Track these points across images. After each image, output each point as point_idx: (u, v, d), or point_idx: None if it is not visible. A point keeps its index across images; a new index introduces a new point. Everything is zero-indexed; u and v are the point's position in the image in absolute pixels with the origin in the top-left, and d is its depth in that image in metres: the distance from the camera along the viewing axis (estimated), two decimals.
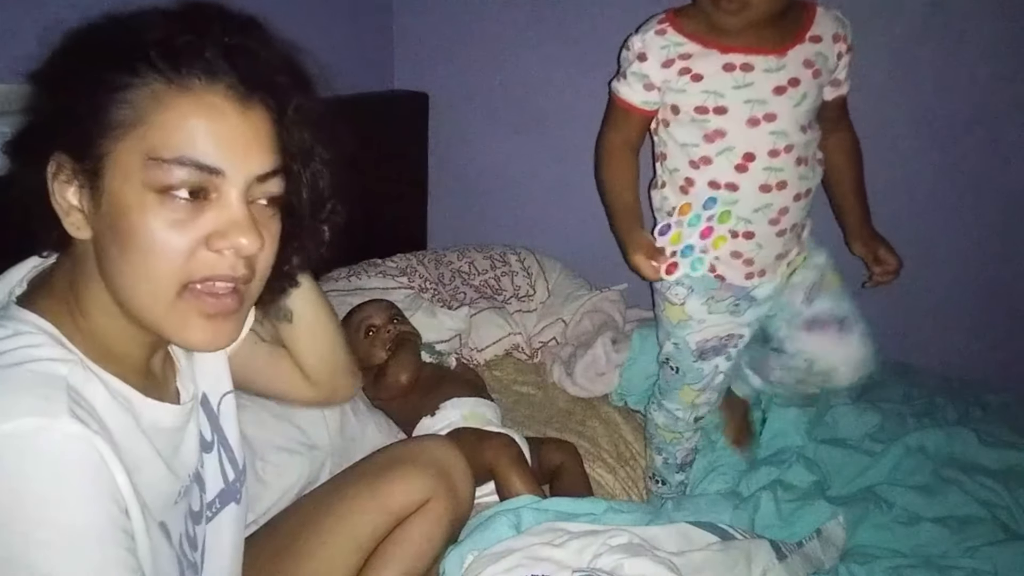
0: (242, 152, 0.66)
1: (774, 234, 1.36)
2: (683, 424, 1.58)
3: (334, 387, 1.06)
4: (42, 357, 0.65)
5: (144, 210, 0.64)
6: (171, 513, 0.75)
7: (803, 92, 1.28)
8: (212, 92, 0.65)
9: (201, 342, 0.70)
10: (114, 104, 0.64)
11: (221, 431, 0.88)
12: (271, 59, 0.70)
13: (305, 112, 0.74)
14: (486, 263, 2.31)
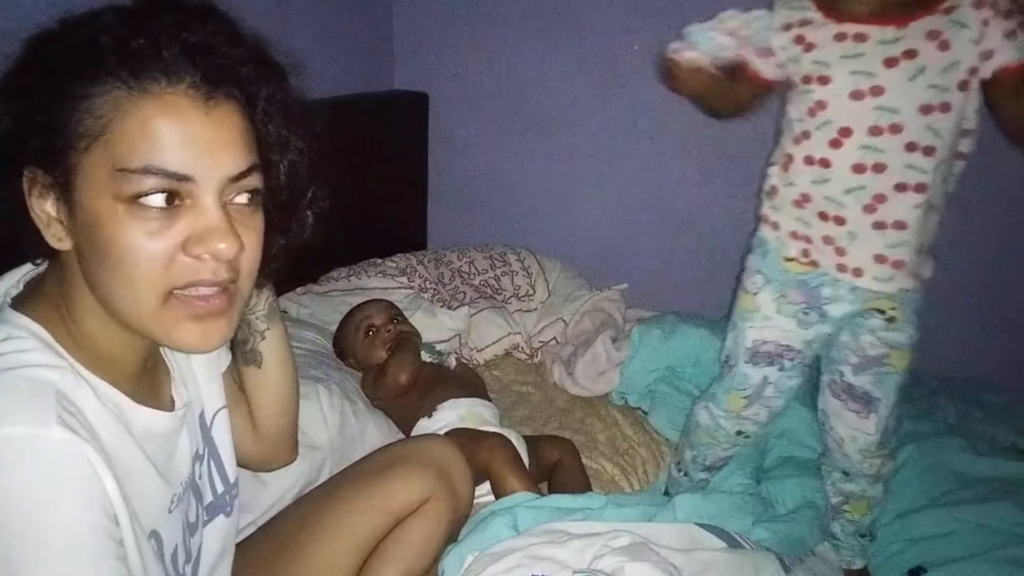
0: (211, 154, 0.64)
1: (870, 224, 1.24)
2: (723, 433, 1.49)
3: (276, 448, 1.02)
4: (32, 363, 0.65)
5: (117, 222, 0.62)
6: (164, 521, 0.74)
7: (921, 65, 1.16)
8: (174, 93, 0.63)
9: (191, 344, 0.69)
10: (76, 115, 0.62)
11: (212, 444, 0.87)
12: (234, 51, 0.66)
13: (276, 102, 0.71)
14: (486, 263, 2.31)
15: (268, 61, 0.71)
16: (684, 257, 2.40)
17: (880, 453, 1.41)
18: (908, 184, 1.22)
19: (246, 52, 0.68)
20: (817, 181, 1.26)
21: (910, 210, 1.23)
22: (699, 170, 2.31)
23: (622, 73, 2.31)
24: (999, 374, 2.07)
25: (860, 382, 1.36)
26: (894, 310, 1.31)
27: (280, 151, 0.74)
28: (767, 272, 1.36)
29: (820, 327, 1.34)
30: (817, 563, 1.35)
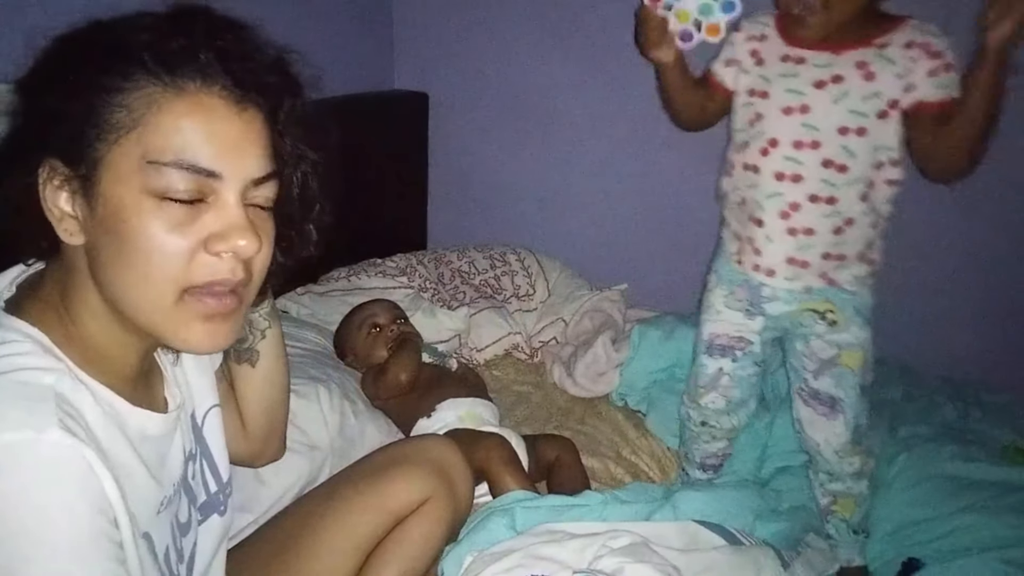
0: (239, 154, 0.66)
1: (784, 231, 1.35)
2: (693, 423, 1.59)
3: (265, 445, 1.02)
4: (29, 366, 0.65)
5: (142, 214, 0.64)
6: (155, 523, 0.74)
7: (845, 90, 1.28)
8: (207, 94, 0.65)
9: (200, 344, 0.69)
10: (109, 108, 0.63)
11: (204, 443, 0.87)
12: (263, 61, 0.69)
13: (296, 115, 0.74)
14: (486, 263, 2.31)
15: (291, 74, 0.73)
16: (684, 257, 2.40)
17: (856, 451, 1.47)
18: (820, 196, 1.32)
19: (273, 63, 0.71)
20: (750, 186, 1.38)
21: (820, 219, 1.34)
22: (699, 170, 2.31)
23: (622, 73, 2.31)
24: (999, 374, 2.07)
25: (822, 386, 1.45)
26: (832, 312, 1.40)
27: (294, 164, 0.76)
28: (720, 271, 1.51)
29: (764, 320, 1.46)
30: (815, 556, 1.36)
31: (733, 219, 1.46)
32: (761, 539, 1.31)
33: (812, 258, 1.36)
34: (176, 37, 0.65)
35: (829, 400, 1.44)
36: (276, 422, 1.02)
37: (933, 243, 2.04)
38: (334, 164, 0.81)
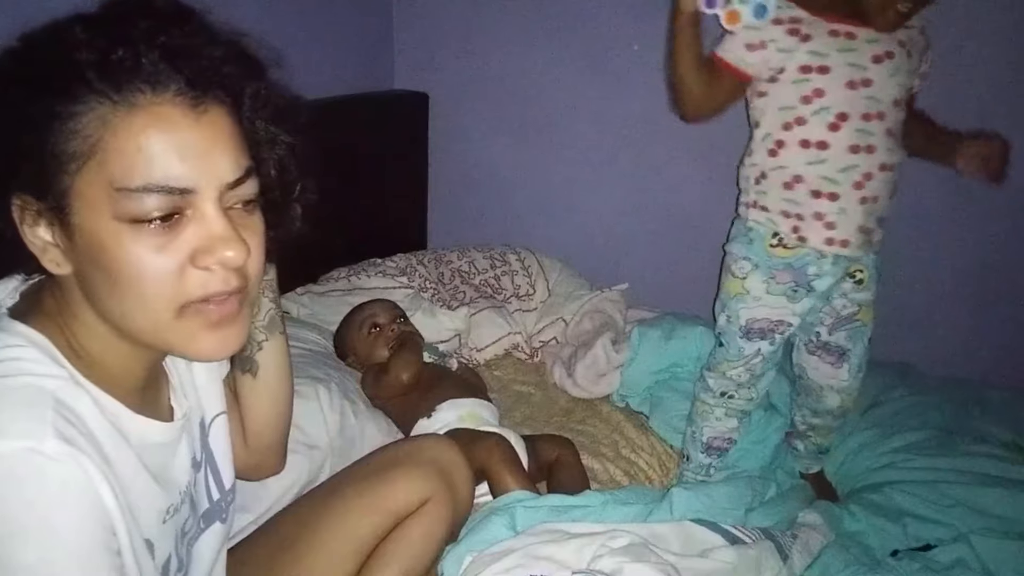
0: (208, 162, 0.62)
1: (857, 200, 1.41)
2: (711, 395, 1.63)
3: (265, 458, 1.01)
4: (31, 372, 0.64)
5: (121, 241, 0.61)
6: (158, 531, 0.73)
7: (897, 65, 1.37)
8: (160, 103, 0.60)
9: (212, 352, 0.68)
10: (63, 136, 0.59)
11: (209, 449, 0.87)
12: (215, 51, 0.64)
13: (261, 98, 0.69)
14: (486, 262, 2.31)
15: (249, 58, 0.68)
16: (684, 257, 2.40)
17: (852, 395, 1.63)
18: (887, 164, 1.41)
19: (226, 51, 0.66)
20: (815, 162, 1.40)
21: (884, 186, 1.43)
22: (699, 170, 2.31)
23: (622, 73, 2.31)
24: (999, 374, 2.07)
25: (835, 339, 1.56)
26: (862, 272, 1.51)
27: (269, 148, 0.72)
28: (754, 258, 1.50)
29: (809, 300, 1.50)
30: (810, 533, 1.37)
31: (780, 200, 1.45)
32: (758, 531, 1.32)
33: (874, 224, 1.45)
34: (116, 46, 0.60)
35: (838, 351, 1.57)
36: (277, 435, 1.01)
37: (933, 242, 2.04)
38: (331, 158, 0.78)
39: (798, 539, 1.33)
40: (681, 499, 1.36)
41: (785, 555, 1.27)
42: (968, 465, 1.66)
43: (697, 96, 1.46)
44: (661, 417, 1.86)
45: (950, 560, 1.37)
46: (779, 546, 1.28)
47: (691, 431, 1.70)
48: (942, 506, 1.53)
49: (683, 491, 1.38)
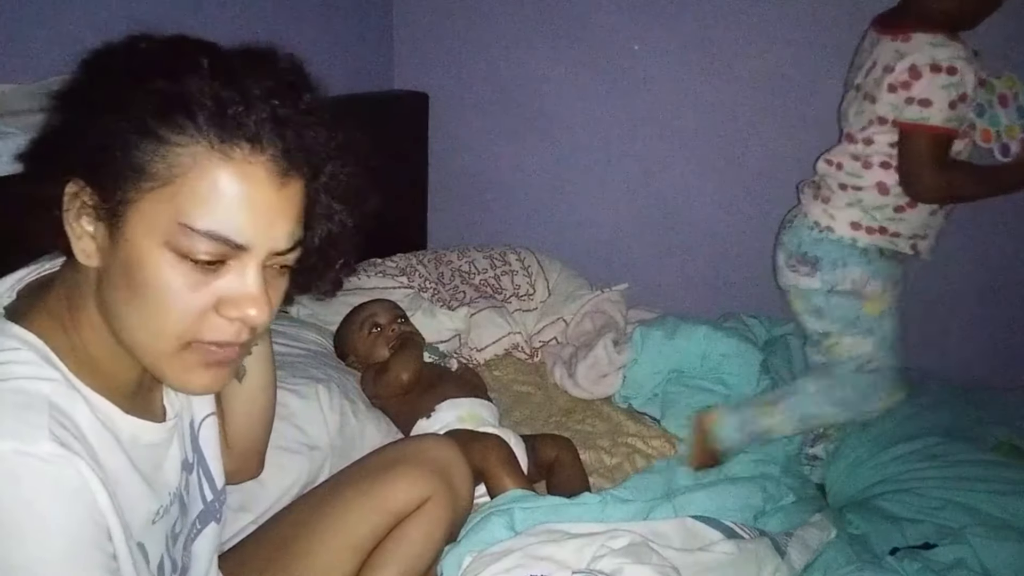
0: (270, 227, 0.65)
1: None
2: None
3: (244, 463, 1.02)
4: (25, 375, 0.64)
5: (161, 267, 0.63)
6: (148, 533, 0.73)
7: None
8: (253, 163, 0.63)
9: (198, 388, 0.70)
10: (152, 156, 0.61)
11: (200, 451, 0.87)
12: (313, 126, 0.67)
13: (336, 179, 0.72)
14: (486, 262, 2.31)
15: (340, 140, 0.71)
16: (684, 257, 2.40)
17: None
18: None
19: (325, 128, 0.68)
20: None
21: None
22: (699, 170, 2.31)
23: (622, 73, 2.31)
24: (999, 374, 2.07)
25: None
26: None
27: (323, 220, 0.74)
28: (882, 275, 1.55)
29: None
30: (809, 530, 1.37)
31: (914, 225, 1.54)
32: (755, 530, 1.32)
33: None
34: (235, 100, 0.62)
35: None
36: (258, 439, 1.02)
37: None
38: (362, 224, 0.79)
39: (794, 536, 1.33)
40: (685, 500, 1.36)
41: (782, 552, 1.28)
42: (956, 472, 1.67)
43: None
44: (673, 415, 1.83)
45: (950, 560, 1.37)
46: (775, 543, 1.28)
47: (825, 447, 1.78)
48: (930, 508, 1.53)
49: (688, 493, 1.38)
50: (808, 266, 1.59)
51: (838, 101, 2.10)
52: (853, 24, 2.03)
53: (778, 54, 2.13)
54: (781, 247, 1.66)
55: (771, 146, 2.21)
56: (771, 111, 2.18)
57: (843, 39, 2.05)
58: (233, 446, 0.98)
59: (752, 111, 2.20)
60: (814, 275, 1.58)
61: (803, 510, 1.47)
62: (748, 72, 2.17)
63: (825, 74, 2.09)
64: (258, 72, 0.64)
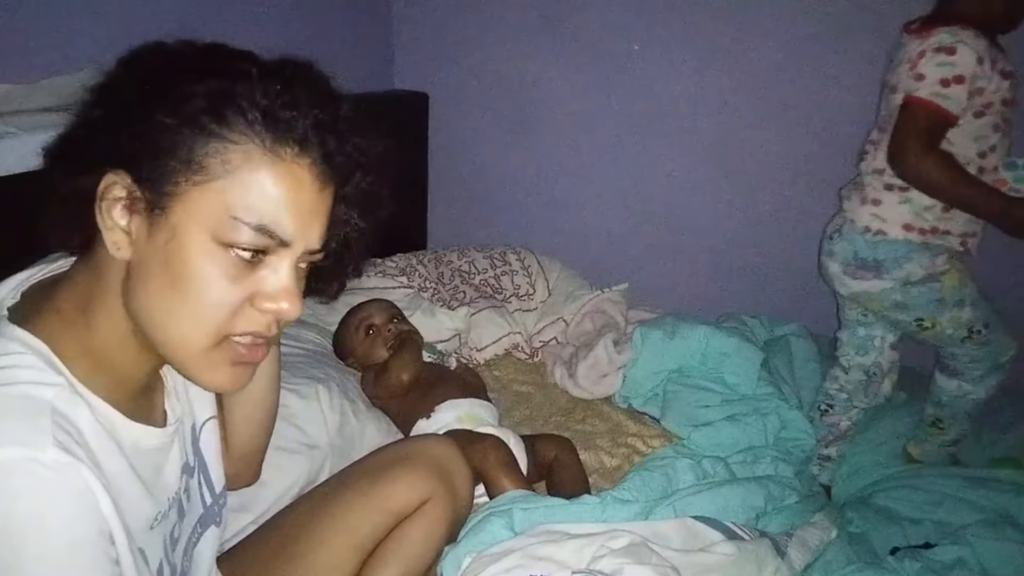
0: (309, 226, 0.69)
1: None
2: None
3: (243, 468, 1.01)
4: (27, 380, 0.64)
5: (205, 258, 0.65)
6: (147, 538, 0.73)
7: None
8: (299, 165, 0.66)
9: (223, 385, 0.71)
10: (205, 152, 0.64)
11: (200, 455, 0.87)
12: (351, 139, 0.71)
13: (360, 189, 0.76)
14: (486, 262, 2.31)
15: (367, 151, 0.74)
16: (684, 257, 2.40)
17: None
18: None
19: (356, 138, 0.72)
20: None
21: None
22: (699, 170, 2.32)
23: (622, 73, 2.31)
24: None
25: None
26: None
27: (340, 226, 0.77)
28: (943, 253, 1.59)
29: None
30: (809, 530, 1.37)
31: (961, 222, 1.56)
32: (756, 530, 1.32)
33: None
34: (285, 104, 0.66)
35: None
36: (257, 446, 1.02)
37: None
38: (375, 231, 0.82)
39: (794, 537, 1.34)
40: (686, 502, 1.36)
41: (782, 552, 1.28)
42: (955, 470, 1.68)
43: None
44: (674, 413, 1.83)
45: (950, 560, 1.37)
46: (775, 543, 1.28)
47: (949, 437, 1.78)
48: (929, 503, 1.54)
49: (689, 493, 1.38)
50: (872, 271, 1.61)
51: (838, 101, 2.11)
52: (853, 24, 2.04)
53: (778, 54, 2.13)
54: (832, 257, 1.68)
55: (771, 146, 2.21)
56: (771, 111, 2.18)
57: (844, 39, 2.06)
58: (232, 451, 0.98)
59: (752, 111, 2.20)
60: (882, 277, 1.61)
61: (805, 509, 1.47)
62: (748, 72, 2.17)
63: (825, 74, 2.10)
64: (302, 80, 0.68)
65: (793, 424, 1.77)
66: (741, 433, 1.71)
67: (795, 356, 2.06)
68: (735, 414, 1.77)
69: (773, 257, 2.29)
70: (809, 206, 2.20)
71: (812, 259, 2.23)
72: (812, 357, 2.06)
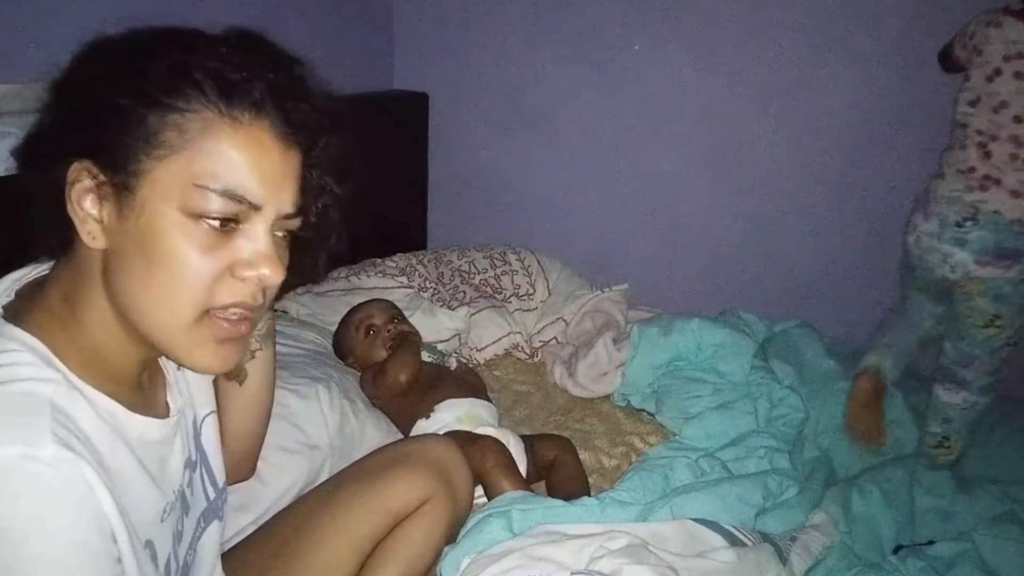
0: (278, 189, 0.68)
1: None
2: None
3: (238, 464, 1.01)
4: (26, 377, 0.64)
5: (176, 232, 0.65)
6: (157, 531, 0.74)
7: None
8: (259, 128, 0.67)
9: (207, 365, 0.70)
10: (163, 126, 0.64)
11: (202, 449, 0.87)
12: (309, 99, 0.71)
13: (329, 152, 0.76)
14: (486, 262, 2.31)
15: (333, 114, 0.74)
16: (684, 257, 2.40)
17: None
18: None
19: (317, 102, 0.72)
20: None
21: None
22: (699, 170, 2.32)
23: (622, 73, 2.31)
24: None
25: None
26: None
27: (315, 195, 0.77)
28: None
29: None
30: (812, 535, 1.37)
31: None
32: (759, 534, 1.31)
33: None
34: (238, 68, 0.66)
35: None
36: (252, 443, 1.02)
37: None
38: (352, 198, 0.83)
39: (798, 541, 1.33)
40: (684, 501, 1.36)
41: (784, 558, 1.27)
42: None
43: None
44: (668, 408, 1.83)
45: (951, 555, 1.37)
46: (778, 549, 1.28)
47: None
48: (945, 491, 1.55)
49: (687, 493, 1.38)
50: (1008, 259, 1.64)
51: (839, 101, 2.11)
52: (854, 24, 2.04)
53: (778, 53, 2.13)
54: (964, 246, 1.68)
55: (771, 146, 2.21)
56: (771, 111, 2.18)
57: (844, 39, 2.06)
58: (229, 448, 0.98)
59: (752, 111, 2.20)
60: (1012, 268, 1.64)
61: (805, 502, 1.47)
62: (748, 72, 2.17)
63: (826, 74, 2.10)
64: (254, 46, 0.69)
65: (784, 402, 1.78)
66: (729, 421, 1.71)
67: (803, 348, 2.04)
68: (725, 402, 1.78)
69: (773, 257, 2.29)
70: (809, 206, 2.20)
71: (812, 259, 2.23)
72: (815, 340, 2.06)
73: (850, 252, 2.19)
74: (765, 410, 1.76)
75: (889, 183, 2.08)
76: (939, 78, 1.86)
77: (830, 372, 1.95)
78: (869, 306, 2.14)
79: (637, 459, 1.65)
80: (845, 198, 2.16)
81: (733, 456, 1.61)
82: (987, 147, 1.64)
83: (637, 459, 1.65)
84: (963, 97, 1.68)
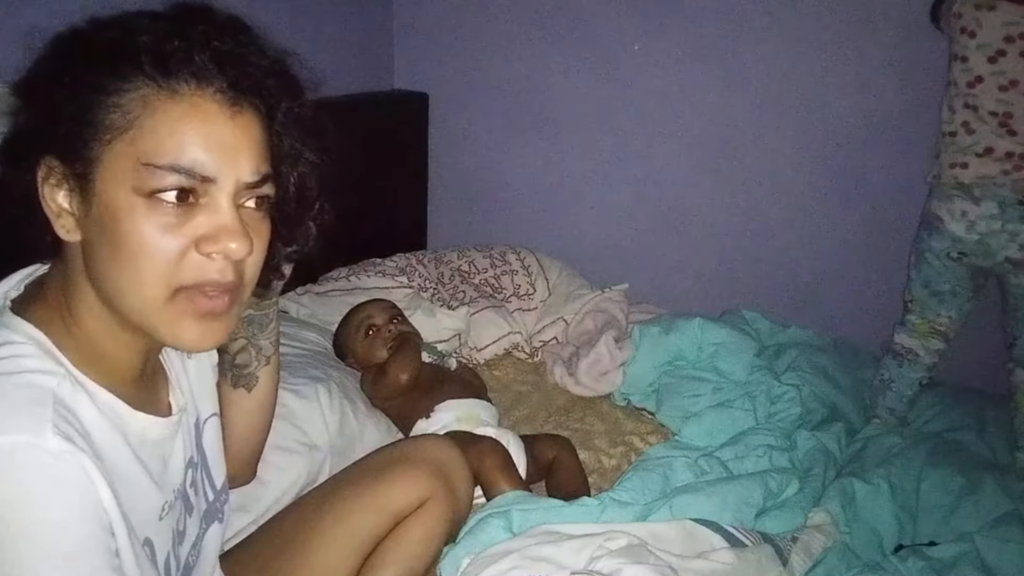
0: (232, 158, 0.67)
1: None
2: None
3: (240, 469, 1.01)
4: (30, 369, 0.65)
5: (134, 214, 0.64)
6: (157, 529, 0.74)
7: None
8: (202, 97, 0.65)
9: (192, 342, 0.69)
10: (104, 108, 0.64)
11: (203, 451, 0.88)
12: (259, 63, 0.70)
13: (294, 116, 0.74)
14: (486, 262, 2.32)
15: (290, 75, 0.73)
16: (684, 257, 2.40)
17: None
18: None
19: (270, 65, 0.71)
20: None
21: None
22: (699, 169, 2.31)
23: (622, 73, 2.31)
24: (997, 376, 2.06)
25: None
26: None
27: (291, 163, 0.76)
28: None
29: None
30: (812, 535, 1.37)
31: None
32: (759, 534, 1.31)
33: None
34: (173, 39, 0.65)
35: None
36: (255, 449, 1.03)
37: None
38: (336, 163, 0.81)
39: (798, 542, 1.33)
40: (684, 501, 1.35)
41: (784, 559, 1.27)
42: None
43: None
44: (668, 407, 1.83)
45: (952, 557, 1.37)
46: (778, 550, 1.28)
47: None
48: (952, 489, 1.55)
49: (687, 493, 1.38)
50: None
51: (839, 100, 2.11)
52: (854, 24, 2.04)
53: (778, 53, 2.13)
54: None
55: (772, 145, 2.21)
56: (771, 110, 2.18)
57: (845, 39, 2.06)
58: (232, 453, 0.98)
59: (752, 110, 2.20)
60: None
61: (806, 500, 1.46)
62: (748, 71, 2.17)
63: (826, 74, 2.10)
64: (198, 18, 0.68)
65: (781, 398, 1.78)
66: (728, 419, 1.71)
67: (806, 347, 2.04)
68: (724, 401, 1.77)
69: (774, 256, 2.29)
70: (811, 205, 2.20)
71: (813, 258, 2.23)
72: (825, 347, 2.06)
73: (852, 252, 2.19)
74: (764, 407, 1.76)
75: (892, 183, 2.08)
76: (939, 78, 1.86)
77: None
78: (870, 306, 2.14)
79: (637, 459, 1.65)
80: (846, 198, 2.16)
81: (732, 455, 1.60)
82: (1008, 125, 1.64)
83: (637, 459, 1.65)
84: (961, 78, 1.66)
